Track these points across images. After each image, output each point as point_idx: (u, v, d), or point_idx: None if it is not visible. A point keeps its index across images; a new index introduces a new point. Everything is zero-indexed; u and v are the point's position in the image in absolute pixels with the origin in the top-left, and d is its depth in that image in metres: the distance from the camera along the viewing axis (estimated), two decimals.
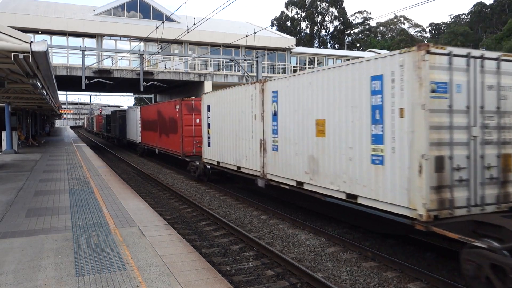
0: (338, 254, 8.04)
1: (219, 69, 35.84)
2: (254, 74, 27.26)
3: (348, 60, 44.56)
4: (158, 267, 5.66)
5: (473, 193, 6.53)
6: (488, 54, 6.84)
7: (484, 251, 5.54)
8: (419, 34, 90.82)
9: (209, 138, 15.52)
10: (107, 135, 48.43)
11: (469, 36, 70.32)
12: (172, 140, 20.37)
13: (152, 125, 24.60)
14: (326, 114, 8.77)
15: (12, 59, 8.15)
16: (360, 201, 7.73)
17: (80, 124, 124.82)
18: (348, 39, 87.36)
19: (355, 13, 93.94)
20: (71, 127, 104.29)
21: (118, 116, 37.62)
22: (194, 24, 19.17)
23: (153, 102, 57.33)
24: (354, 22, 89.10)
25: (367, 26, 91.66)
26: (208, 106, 15.56)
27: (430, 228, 6.13)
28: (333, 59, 45.17)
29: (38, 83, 12.41)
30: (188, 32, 21.53)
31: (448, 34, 71.15)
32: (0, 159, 20.05)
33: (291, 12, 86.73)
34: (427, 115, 6.25)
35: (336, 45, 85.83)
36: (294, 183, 10.02)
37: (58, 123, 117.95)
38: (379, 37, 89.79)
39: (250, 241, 8.76)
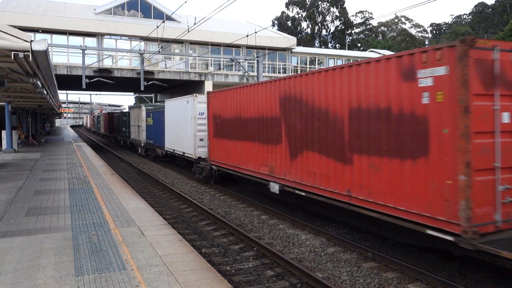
0: (338, 255, 8.02)
1: (219, 69, 35.83)
2: (255, 74, 27.23)
3: (349, 60, 44.66)
4: (158, 266, 5.65)
5: None
6: None
7: None
8: (420, 34, 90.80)
9: None
10: (123, 140, 35.88)
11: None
12: (378, 173, 7.46)
13: (255, 129, 11.90)
14: None
15: (12, 58, 8.13)
16: None
17: (81, 123, 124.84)
18: (349, 39, 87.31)
19: (356, 13, 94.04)
20: (71, 126, 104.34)
21: (147, 114, 26.22)
22: (194, 24, 19.15)
23: (153, 102, 56.45)
24: (355, 22, 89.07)
25: (368, 26, 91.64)
26: None
27: None
28: (334, 59, 45.15)
29: (38, 82, 12.40)
30: (188, 32, 21.51)
31: (449, 34, 71.13)
32: (0, 158, 20.04)
33: (292, 12, 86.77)
34: None
35: (337, 45, 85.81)
36: None
37: (58, 122, 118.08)
38: (380, 37, 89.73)
39: (250, 241, 8.75)
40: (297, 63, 42.47)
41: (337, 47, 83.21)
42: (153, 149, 25.00)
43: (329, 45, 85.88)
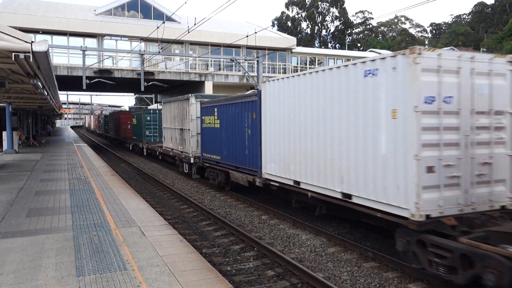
0: (339, 254, 8.03)
1: (219, 69, 35.84)
2: (255, 74, 27.25)
3: (348, 60, 44.70)
4: (159, 267, 5.66)
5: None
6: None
7: None
8: (420, 34, 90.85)
9: None
10: (148, 149, 25.36)
11: (470, 36, 70.33)
12: None
13: None
14: None
15: (13, 59, 8.14)
16: None
17: (81, 124, 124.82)
18: (348, 39, 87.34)
19: (356, 13, 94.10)
20: (72, 127, 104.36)
21: (203, 109, 15.92)
22: (194, 24, 19.16)
23: (153, 102, 56.40)
24: (355, 22, 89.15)
25: (368, 26, 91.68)
26: None
27: None
28: (334, 59, 45.18)
29: (39, 83, 12.40)
30: (188, 32, 21.52)
31: (449, 34, 71.18)
32: (1, 159, 20.06)
33: (292, 12, 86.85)
34: None
35: (337, 45, 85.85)
36: None
37: (58, 123, 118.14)
38: (379, 37, 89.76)
39: (250, 241, 8.76)
40: (297, 63, 42.49)
41: (337, 47, 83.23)
42: (221, 171, 14.48)
43: (329, 45, 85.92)
